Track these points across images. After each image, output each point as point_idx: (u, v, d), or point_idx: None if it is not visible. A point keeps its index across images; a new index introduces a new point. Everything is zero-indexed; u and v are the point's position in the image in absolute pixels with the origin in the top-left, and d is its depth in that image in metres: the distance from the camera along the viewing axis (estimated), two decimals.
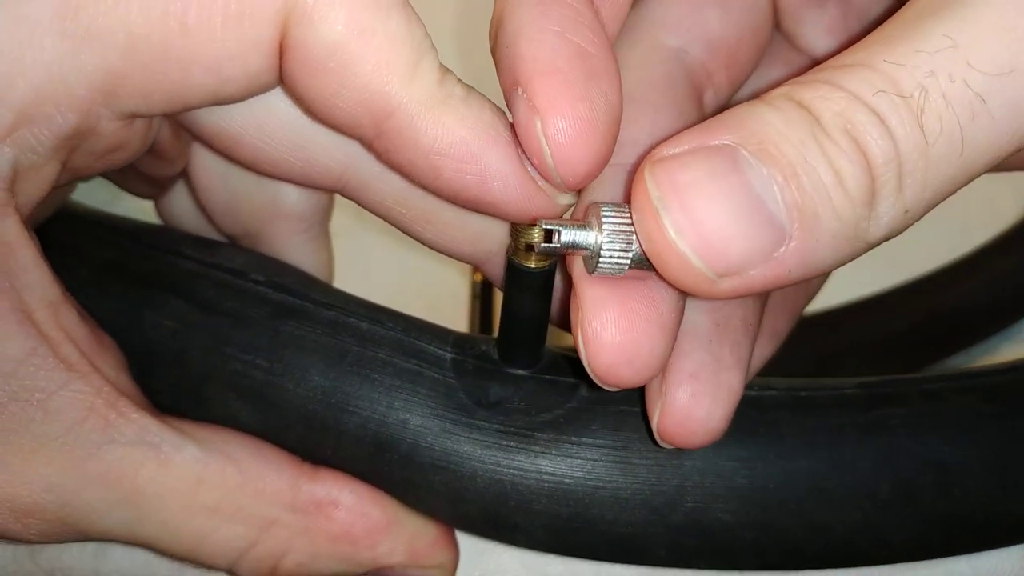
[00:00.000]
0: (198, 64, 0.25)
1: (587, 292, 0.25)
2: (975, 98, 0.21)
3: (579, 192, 0.27)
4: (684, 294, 0.26)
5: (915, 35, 0.22)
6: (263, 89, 0.26)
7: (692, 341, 0.28)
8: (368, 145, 0.27)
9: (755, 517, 0.29)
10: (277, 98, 0.28)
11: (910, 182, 0.22)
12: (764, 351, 0.32)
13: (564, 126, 0.24)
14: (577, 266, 0.26)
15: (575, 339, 0.26)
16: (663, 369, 0.27)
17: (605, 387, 0.26)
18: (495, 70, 0.26)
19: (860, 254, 0.23)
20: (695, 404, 0.27)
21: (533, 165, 0.25)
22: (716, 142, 0.22)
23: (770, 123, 0.22)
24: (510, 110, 0.26)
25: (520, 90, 0.25)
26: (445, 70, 0.26)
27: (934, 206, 0.23)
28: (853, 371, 0.32)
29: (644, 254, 0.24)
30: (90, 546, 0.34)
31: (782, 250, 0.22)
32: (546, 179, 0.25)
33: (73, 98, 0.24)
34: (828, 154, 0.22)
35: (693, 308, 0.28)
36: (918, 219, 0.23)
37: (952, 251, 0.61)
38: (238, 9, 0.24)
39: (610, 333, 0.25)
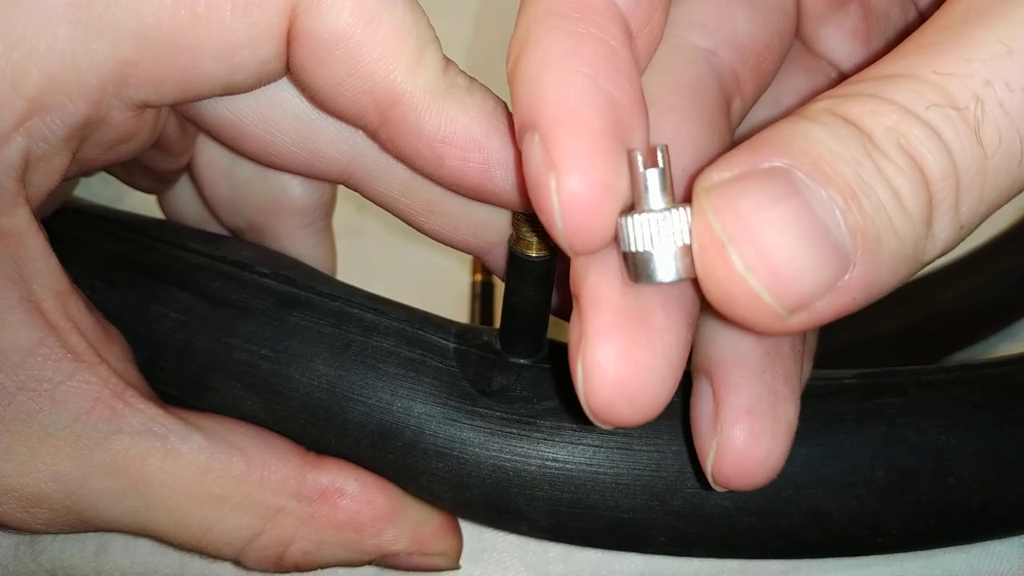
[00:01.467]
0: (208, 52, 0.25)
1: (593, 317, 0.23)
2: None
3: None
4: (694, 327, 0.24)
5: (965, 43, 0.20)
6: (271, 78, 0.27)
7: (744, 373, 0.25)
8: (372, 134, 0.27)
9: (754, 503, 0.29)
10: (283, 89, 0.28)
11: (967, 197, 0.20)
12: (805, 371, 0.29)
13: (583, 189, 0.21)
14: (589, 283, 0.23)
15: (572, 368, 0.23)
16: (718, 406, 0.25)
17: (598, 424, 0.23)
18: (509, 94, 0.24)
19: (914, 275, 0.21)
20: (754, 443, 0.25)
21: (541, 219, 0.22)
22: (768, 164, 0.20)
23: (820, 141, 0.20)
24: (521, 150, 0.23)
25: (536, 136, 0.22)
26: (448, 60, 0.26)
27: (985, 220, 0.21)
28: (851, 368, 0.33)
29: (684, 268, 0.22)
30: (91, 545, 0.35)
31: (847, 277, 0.20)
32: (554, 239, 0.23)
33: (85, 87, 0.25)
34: (885, 172, 0.20)
35: (741, 337, 0.26)
36: (969, 235, 0.22)
37: (950, 252, 0.60)
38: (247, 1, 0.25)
39: (614, 367, 0.22)
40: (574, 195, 0.21)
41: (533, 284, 0.29)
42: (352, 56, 0.25)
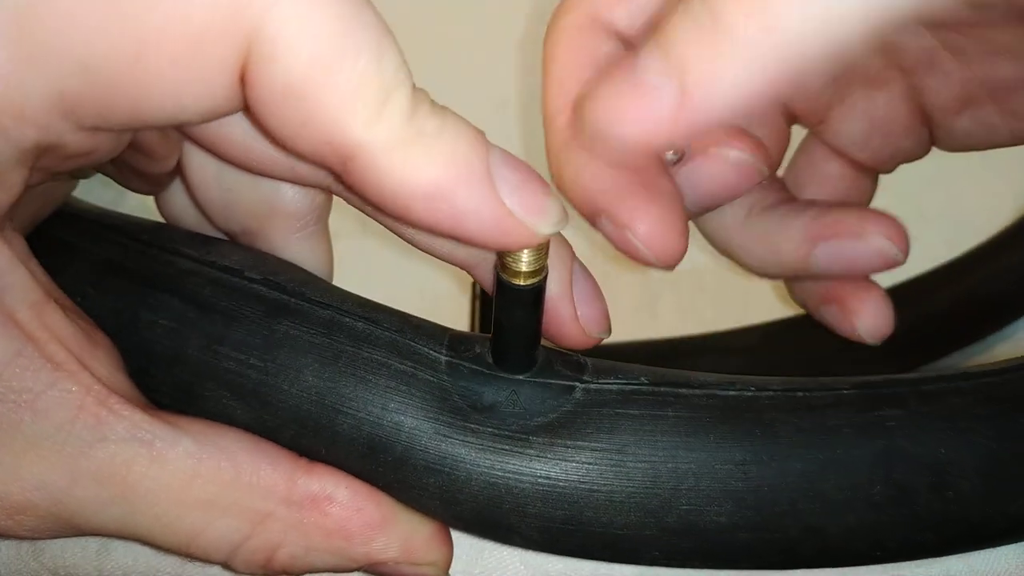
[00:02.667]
0: (154, 90, 0.24)
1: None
2: None
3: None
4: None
5: None
6: (227, 114, 0.26)
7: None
8: (337, 178, 0.26)
9: (750, 519, 0.29)
10: None
11: None
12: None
13: (651, 227, 0.31)
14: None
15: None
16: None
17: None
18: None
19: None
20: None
21: (639, 261, 0.31)
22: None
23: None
24: (599, 229, 0.32)
25: (604, 218, 0.31)
26: (417, 103, 0.25)
27: None
28: (849, 370, 0.33)
29: None
30: (93, 544, 0.34)
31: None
32: (650, 264, 0.32)
33: (30, 112, 0.24)
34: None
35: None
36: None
37: (950, 251, 0.60)
38: (194, 44, 0.23)
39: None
40: (647, 234, 0.31)
41: (522, 308, 0.29)
42: (307, 107, 0.24)
